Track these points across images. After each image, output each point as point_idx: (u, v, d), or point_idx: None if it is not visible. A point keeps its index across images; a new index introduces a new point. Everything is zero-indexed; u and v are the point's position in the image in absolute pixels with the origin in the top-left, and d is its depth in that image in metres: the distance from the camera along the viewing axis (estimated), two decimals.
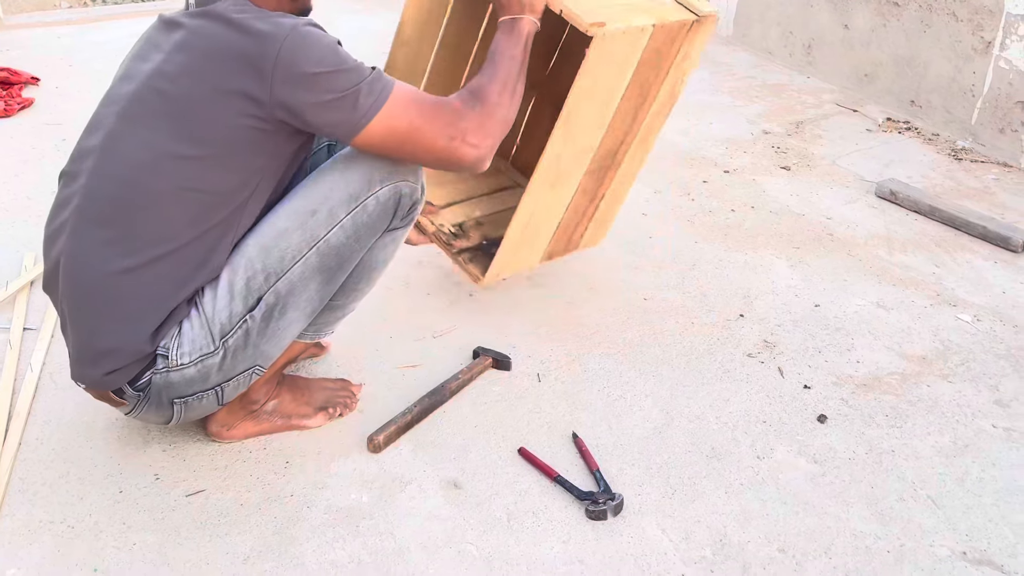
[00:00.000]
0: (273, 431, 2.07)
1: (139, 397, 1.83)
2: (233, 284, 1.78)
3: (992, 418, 2.18)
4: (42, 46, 4.59)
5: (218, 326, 1.78)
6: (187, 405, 1.86)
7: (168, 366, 1.78)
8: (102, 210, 1.72)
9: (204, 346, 1.79)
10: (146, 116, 1.70)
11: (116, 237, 1.72)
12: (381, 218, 1.86)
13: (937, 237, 2.96)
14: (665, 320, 2.51)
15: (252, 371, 1.88)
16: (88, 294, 1.76)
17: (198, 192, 1.71)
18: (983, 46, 3.48)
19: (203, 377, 1.82)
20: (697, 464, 2.02)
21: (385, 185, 1.84)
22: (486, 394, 2.22)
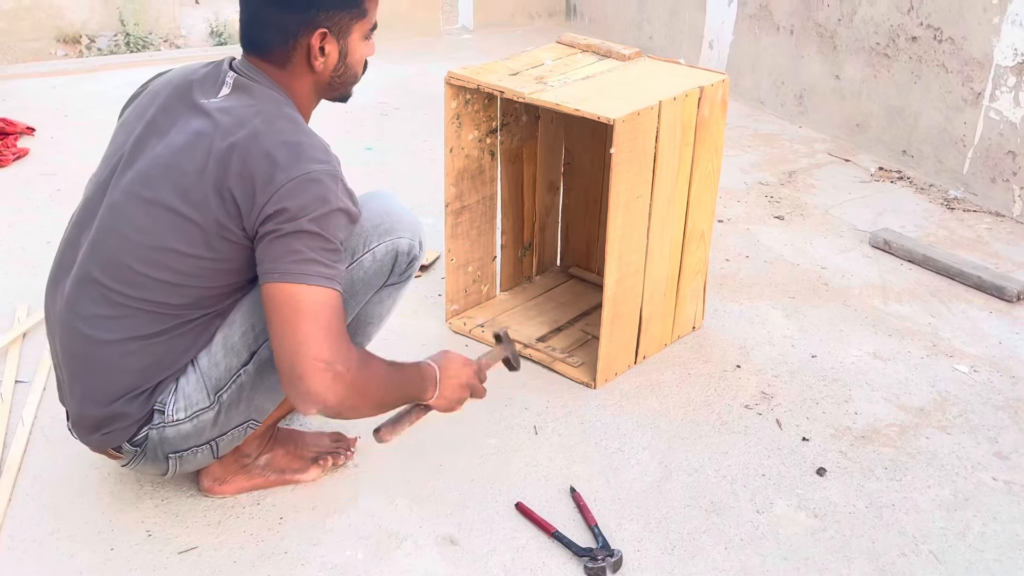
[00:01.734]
0: (266, 486, 2.05)
1: (135, 452, 1.83)
2: (228, 339, 1.79)
3: (992, 471, 2.17)
4: (38, 96, 4.60)
5: (213, 381, 1.79)
6: (182, 459, 1.86)
7: (164, 422, 1.79)
8: (100, 281, 1.73)
9: (199, 401, 1.79)
10: (147, 202, 1.71)
11: (111, 313, 1.73)
12: (378, 274, 1.86)
13: (932, 287, 2.96)
14: (662, 371, 2.50)
15: (247, 425, 1.87)
16: (85, 363, 1.78)
17: (192, 288, 1.73)
18: (973, 97, 3.51)
19: (198, 432, 1.81)
20: (696, 519, 2.00)
21: (382, 241, 1.85)
22: (483, 447, 2.20)
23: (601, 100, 2.22)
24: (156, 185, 1.70)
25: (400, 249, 1.87)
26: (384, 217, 1.86)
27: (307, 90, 1.82)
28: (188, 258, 1.70)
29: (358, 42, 1.82)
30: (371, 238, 1.84)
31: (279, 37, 1.75)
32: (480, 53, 5.28)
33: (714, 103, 2.37)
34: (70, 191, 3.53)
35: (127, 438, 1.80)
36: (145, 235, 1.71)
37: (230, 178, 1.65)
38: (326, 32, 1.75)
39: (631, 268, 2.35)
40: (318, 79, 1.81)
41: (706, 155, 2.43)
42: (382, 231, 1.85)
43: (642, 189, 2.27)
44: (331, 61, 1.79)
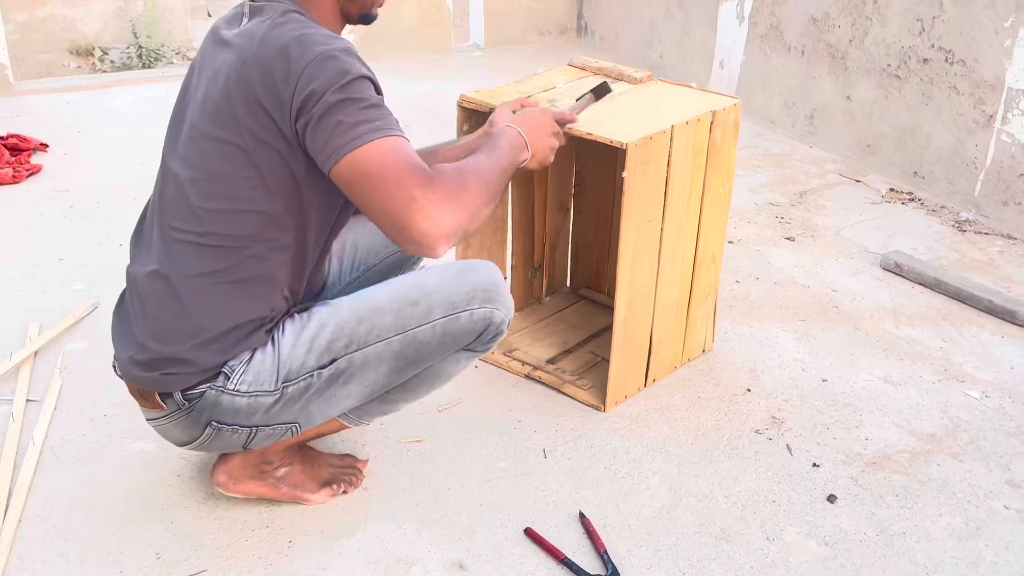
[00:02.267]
0: (275, 496, 2.05)
1: (181, 406, 1.81)
2: (316, 338, 1.81)
3: (1004, 499, 2.15)
4: (51, 111, 4.63)
5: (286, 370, 1.80)
6: (219, 433, 1.83)
7: (225, 387, 1.78)
8: (170, 225, 1.77)
9: (266, 382, 1.79)
10: (191, 139, 1.76)
11: (183, 251, 1.76)
12: (467, 334, 1.89)
13: (943, 310, 2.95)
14: (672, 394, 2.50)
15: (290, 427, 1.87)
16: (160, 302, 1.77)
17: (248, 213, 1.74)
18: (985, 119, 3.51)
19: (249, 412, 1.81)
20: (706, 546, 1.99)
21: (484, 307, 1.88)
22: (492, 471, 2.19)
23: (613, 124, 2.22)
24: (197, 122, 1.75)
25: (494, 319, 1.90)
26: (492, 286, 1.90)
27: (328, 3, 1.80)
28: (235, 180, 1.72)
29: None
30: (475, 300, 1.87)
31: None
32: (491, 71, 5.30)
33: (726, 127, 2.37)
34: (82, 208, 3.56)
35: (185, 386, 1.77)
36: (193, 169, 1.74)
37: (254, 89, 1.67)
38: None
39: (641, 291, 2.34)
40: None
41: (717, 179, 2.43)
42: (486, 298, 1.88)
43: (653, 213, 2.27)
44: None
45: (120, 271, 1.93)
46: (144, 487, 2.12)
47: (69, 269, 3.10)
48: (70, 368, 2.55)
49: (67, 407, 2.39)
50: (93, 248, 3.24)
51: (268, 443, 1.90)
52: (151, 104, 4.75)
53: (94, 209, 3.55)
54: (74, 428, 2.31)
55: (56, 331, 2.69)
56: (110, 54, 5.99)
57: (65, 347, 2.65)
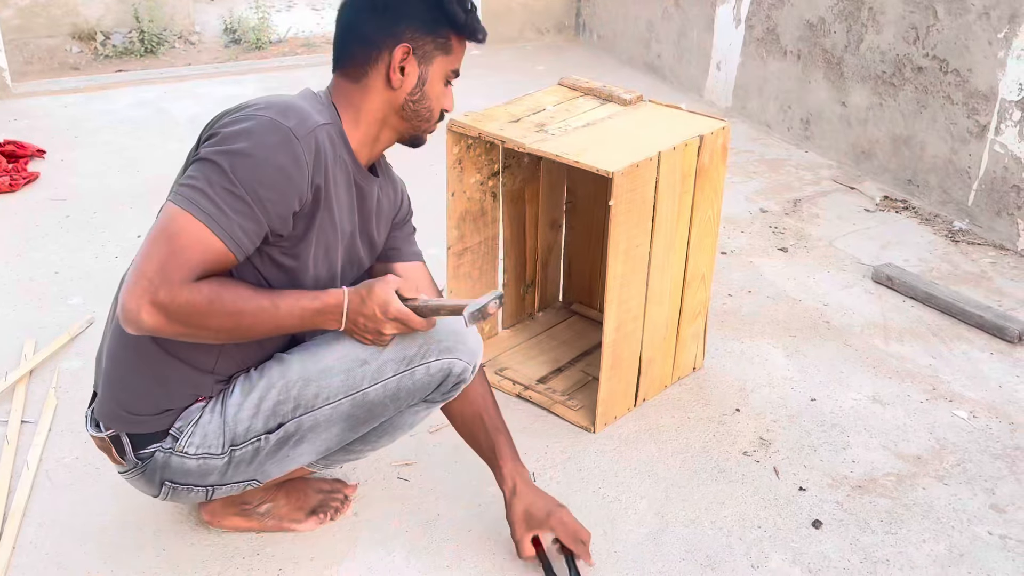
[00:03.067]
0: (263, 529, 2.07)
1: (136, 465, 1.83)
2: (263, 401, 1.79)
3: (988, 524, 2.17)
4: (48, 115, 4.64)
5: (231, 435, 1.79)
6: (175, 491, 1.86)
7: (174, 449, 1.80)
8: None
9: (213, 446, 1.80)
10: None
11: None
12: (424, 387, 1.85)
13: (933, 326, 2.97)
14: (661, 415, 2.52)
15: (248, 483, 1.89)
16: (120, 345, 1.78)
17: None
18: (978, 129, 3.51)
19: (201, 474, 1.83)
20: (692, 574, 2.01)
21: (441, 358, 1.82)
22: (481, 495, 2.22)
23: (601, 150, 2.23)
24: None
25: (454, 370, 1.84)
26: (448, 335, 1.83)
27: (378, 107, 1.80)
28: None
29: (438, 77, 1.83)
30: (431, 352, 1.81)
31: (363, 48, 1.77)
32: (488, 70, 5.30)
33: (714, 150, 2.38)
34: (79, 218, 3.57)
35: (132, 431, 1.79)
36: None
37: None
38: (409, 48, 1.77)
39: (631, 314, 2.36)
40: (392, 100, 1.80)
41: (706, 201, 2.44)
42: (442, 348, 1.82)
43: (641, 238, 2.29)
44: (409, 82, 1.79)
45: (115, 284, 1.94)
46: (136, 512, 2.14)
47: (65, 283, 3.12)
48: (65, 387, 2.57)
49: (62, 428, 2.41)
50: (89, 261, 3.25)
51: (232, 493, 1.92)
52: (149, 108, 4.76)
53: (90, 219, 3.57)
54: (68, 451, 2.34)
55: (52, 349, 2.71)
56: (112, 39, 5.99)
57: (60, 365, 2.67)
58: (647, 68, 5.40)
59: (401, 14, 1.76)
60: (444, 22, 1.79)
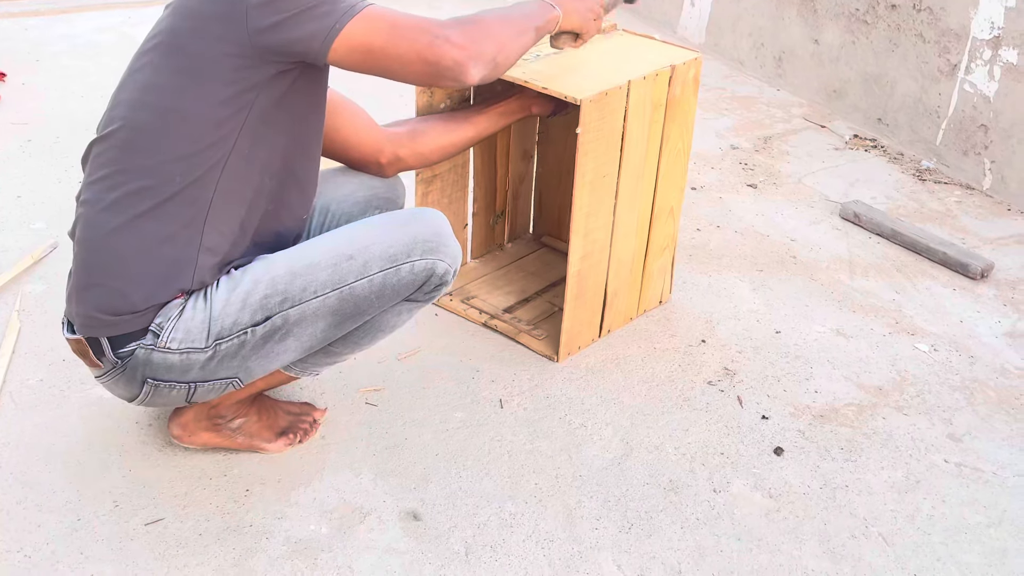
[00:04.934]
0: (232, 446, 2.08)
1: (116, 365, 1.82)
2: (249, 295, 1.79)
3: (944, 453, 2.22)
4: (8, 39, 4.53)
5: (218, 327, 1.78)
6: (157, 389, 1.85)
7: (155, 344, 1.78)
8: (106, 156, 1.77)
9: (197, 339, 1.79)
10: (146, 66, 1.77)
11: (113, 183, 1.75)
12: (408, 286, 1.88)
13: (898, 262, 3.00)
14: (628, 346, 2.54)
15: (230, 381, 1.88)
16: (93, 247, 1.77)
17: (181, 115, 1.72)
18: (949, 68, 3.52)
19: (183, 368, 1.81)
20: (655, 497, 2.05)
21: (425, 257, 1.86)
22: (449, 420, 2.23)
23: (571, 77, 2.21)
24: (150, 55, 1.76)
25: (436, 270, 1.88)
26: (434, 236, 1.88)
27: None
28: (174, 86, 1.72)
29: None
30: (415, 251, 1.85)
31: None
32: (460, 5, 5.22)
33: (686, 82, 2.37)
34: (41, 142, 3.51)
35: (112, 332, 1.78)
36: (142, 89, 1.76)
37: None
38: None
39: (597, 245, 2.36)
40: None
41: (676, 132, 2.43)
42: (427, 248, 1.86)
43: (609, 168, 2.28)
44: None
45: None
46: (102, 434, 2.14)
47: (27, 207, 3.07)
48: (28, 311, 2.55)
49: (25, 351, 2.40)
50: (52, 185, 3.20)
51: (212, 397, 1.91)
52: (112, 33, 4.65)
53: (53, 144, 3.51)
54: (32, 373, 2.32)
55: (14, 272, 2.68)
56: None
57: (24, 289, 2.64)
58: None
59: None
60: None
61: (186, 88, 1.71)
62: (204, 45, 1.70)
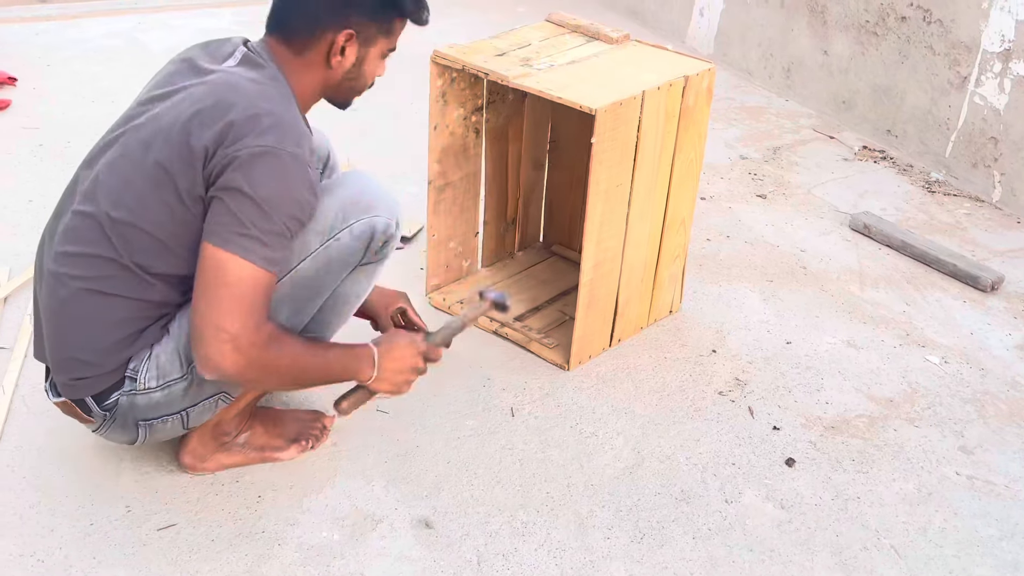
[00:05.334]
0: (246, 463, 2.08)
1: (105, 417, 1.85)
2: None
3: (956, 465, 2.22)
4: (20, 43, 4.54)
5: (187, 352, 1.80)
6: (152, 427, 1.88)
7: (135, 389, 1.82)
8: (85, 235, 1.77)
9: (172, 371, 1.81)
10: (133, 161, 1.76)
11: (87, 264, 1.77)
12: (354, 252, 1.87)
13: (908, 273, 3.00)
14: (639, 355, 2.54)
15: (218, 398, 1.89)
16: (64, 323, 1.80)
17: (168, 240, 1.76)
18: (959, 81, 3.52)
19: (169, 402, 1.84)
20: (666, 507, 2.05)
21: (360, 219, 1.86)
22: (460, 428, 2.23)
23: (585, 87, 2.22)
24: (150, 142, 1.74)
25: (377, 227, 1.87)
26: (362, 195, 1.88)
27: (315, 83, 1.86)
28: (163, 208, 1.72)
29: (376, 57, 1.89)
30: (350, 215, 1.85)
31: (307, 24, 1.81)
32: (468, 9, 5.23)
33: (699, 92, 2.38)
34: (52, 146, 3.52)
35: (94, 392, 1.81)
36: (134, 191, 1.74)
37: (203, 132, 1.68)
38: (353, 34, 1.81)
39: (609, 254, 2.37)
40: (329, 76, 1.86)
41: (689, 142, 2.44)
42: (360, 208, 1.86)
43: (622, 178, 2.29)
44: (347, 62, 1.85)
45: None
46: None
47: (39, 211, 3.07)
48: None
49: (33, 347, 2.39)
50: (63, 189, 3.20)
51: (207, 416, 1.92)
52: (122, 38, 4.67)
53: (64, 148, 3.51)
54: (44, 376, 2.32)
55: (26, 277, 2.68)
56: None
57: None
58: (629, 12, 5.35)
59: (350, 0, 1.80)
60: (392, 10, 1.85)
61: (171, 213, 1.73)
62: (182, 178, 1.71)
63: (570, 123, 2.76)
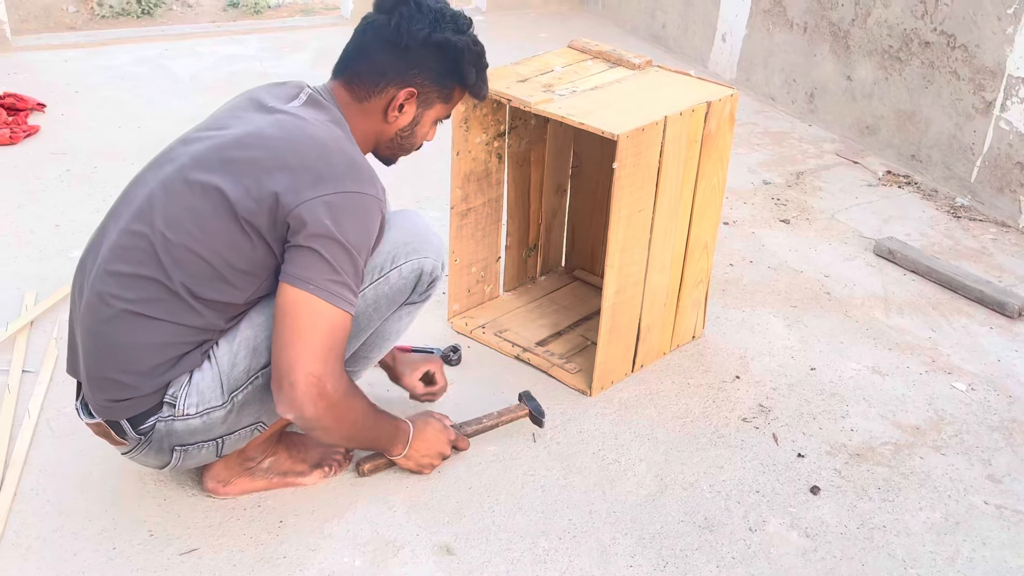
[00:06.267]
0: (269, 488, 2.08)
1: (139, 440, 1.86)
2: (252, 340, 1.83)
3: (984, 494, 2.19)
4: (49, 70, 4.60)
5: (231, 380, 1.82)
6: (187, 453, 1.89)
7: (174, 415, 1.82)
8: (135, 256, 1.77)
9: (212, 399, 1.82)
10: (192, 186, 1.76)
11: (133, 285, 1.76)
12: (401, 291, 1.93)
13: (934, 299, 2.98)
14: (661, 380, 2.52)
15: (255, 427, 1.90)
16: (101, 327, 1.79)
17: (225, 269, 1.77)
18: (984, 106, 3.50)
19: (207, 428, 1.85)
20: (690, 535, 2.03)
21: (410, 260, 1.92)
22: (482, 454, 2.22)
23: (607, 113, 2.22)
24: (213, 169, 1.75)
25: (425, 269, 1.94)
26: (413, 236, 1.94)
27: (369, 133, 1.92)
28: (222, 237, 1.74)
29: (430, 120, 1.97)
30: (399, 255, 1.92)
31: (374, 75, 1.87)
32: (493, 39, 5.24)
33: (721, 118, 2.37)
34: (79, 172, 3.55)
35: (130, 414, 1.81)
36: (193, 214, 1.74)
37: (276, 174, 1.71)
38: (414, 93, 1.89)
39: (631, 280, 2.36)
40: (383, 130, 1.93)
41: (711, 168, 2.43)
42: (410, 250, 1.92)
43: (645, 203, 2.29)
44: (403, 120, 1.92)
45: None
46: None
47: (66, 236, 3.11)
48: (65, 338, 2.56)
49: (62, 378, 2.41)
50: (90, 215, 3.24)
51: (240, 445, 1.94)
52: (149, 65, 4.72)
53: (91, 173, 3.55)
54: (69, 400, 2.33)
55: (52, 301, 2.71)
56: None
57: (61, 316, 2.66)
58: (652, 38, 5.37)
59: (418, 61, 1.86)
60: (455, 78, 1.93)
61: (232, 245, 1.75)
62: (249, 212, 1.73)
63: (592, 148, 2.77)
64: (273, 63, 4.82)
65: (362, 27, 1.89)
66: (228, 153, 1.76)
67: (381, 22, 1.86)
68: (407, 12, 1.84)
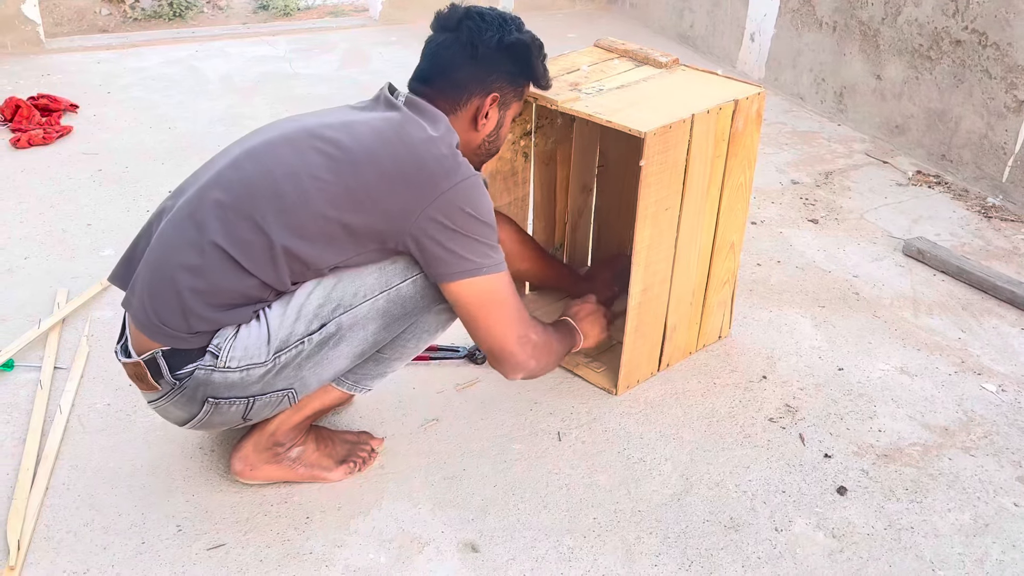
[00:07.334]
0: (294, 479, 2.10)
1: (174, 386, 1.86)
2: (303, 307, 1.85)
3: (1014, 496, 2.17)
4: (81, 71, 4.66)
5: (278, 341, 1.84)
6: (217, 407, 1.88)
7: (215, 365, 1.83)
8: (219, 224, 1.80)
9: (257, 355, 1.84)
10: (306, 148, 1.84)
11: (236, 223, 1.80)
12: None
13: (964, 300, 2.95)
14: (687, 380, 2.52)
15: (286, 393, 1.91)
16: (165, 278, 1.81)
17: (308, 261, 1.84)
18: (1016, 105, 3.47)
19: (244, 384, 1.85)
20: (715, 535, 2.02)
21: None
22: (507, 452, 2.23)
23: (634, 111, 2.22)
24: (321, 133, 1.85)
25: None
26: None
27: (461, 145, 1.96)
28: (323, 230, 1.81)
29: (510, 118, 2.10)
30: None
31: (456, 90, 1.98)
32: None
33: (749, 116, 2.37)
34: (111, 172, 3.60)
35: (170, 345, 1.82)
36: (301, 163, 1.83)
37: (401, 173, 1.81)
38: (497, 97, 2.01)
39: (657, 278, 2.36)
40: (472, 138, 2.03)
41: (738, 167, 2.42)
42: None
43: (671, 201, 2.28)
44: (490, 126, 2.03)
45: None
46: (167, 459, 2.17)
47: (97, 235, 3.14)
48: (97, 336, 2.60)
49: (94, 375, 2.45)
50: (121, 214, 3.28)
51: (267, 412, 1.94)
52: (180, 66, 4.77)
53: (123, 173, 3.60)
54: (100, 397, 2.37)
55: (84, 298, 2.74)
56: (141, 1, 5.99)
57: (92, 314, 2.70)
58: (680, 38, 5.36)
59: (495, 66, 1.99)
60: (527, 75, 2.08)
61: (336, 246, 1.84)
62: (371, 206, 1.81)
63: (618, 147, 2.76)
64: (302, 64, 4.85)
65: (432, 48, 1.99)
66: (341, 147, 1.84)
67: (450, 39, 1.97)
68: (473, 24, 1.97)
